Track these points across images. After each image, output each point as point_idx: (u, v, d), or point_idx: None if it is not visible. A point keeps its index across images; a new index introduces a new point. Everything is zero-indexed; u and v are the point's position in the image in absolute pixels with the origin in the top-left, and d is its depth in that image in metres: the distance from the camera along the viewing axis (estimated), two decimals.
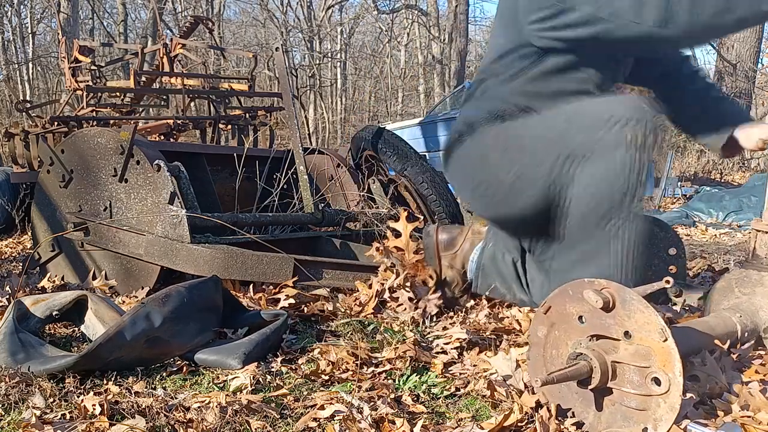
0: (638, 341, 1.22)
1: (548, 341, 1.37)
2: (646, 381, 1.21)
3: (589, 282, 1.29)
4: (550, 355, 1.37)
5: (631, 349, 1.24)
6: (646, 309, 1.21)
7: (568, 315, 1.33)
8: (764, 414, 1.31)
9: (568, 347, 1.33)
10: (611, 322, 1.26)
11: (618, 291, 1.25)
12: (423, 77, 22.26)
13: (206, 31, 8.28)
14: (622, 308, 1.25)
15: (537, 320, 1.39)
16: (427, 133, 10.31)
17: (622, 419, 1.25)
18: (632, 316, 1.23)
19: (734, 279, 1.71)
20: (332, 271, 2.40)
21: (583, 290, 1.28)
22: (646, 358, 1.21)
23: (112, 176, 2.58)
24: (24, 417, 1.33)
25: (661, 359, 1.19)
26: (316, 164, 3.40)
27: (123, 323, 1.62)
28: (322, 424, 1.33)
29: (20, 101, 7.38)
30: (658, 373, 1.19)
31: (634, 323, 1.23)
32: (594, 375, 1.25)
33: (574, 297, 1.31)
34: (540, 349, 1.39)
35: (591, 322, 1.29)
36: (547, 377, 1.23)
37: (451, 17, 15.82)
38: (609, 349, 1.27)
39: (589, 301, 1.26)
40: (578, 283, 1.31)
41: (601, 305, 1.25)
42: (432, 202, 3.09)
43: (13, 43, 19.95)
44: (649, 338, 1.21)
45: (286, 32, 20.51)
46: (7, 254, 3.81)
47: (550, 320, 1.36)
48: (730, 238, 4.99)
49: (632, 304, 1.23)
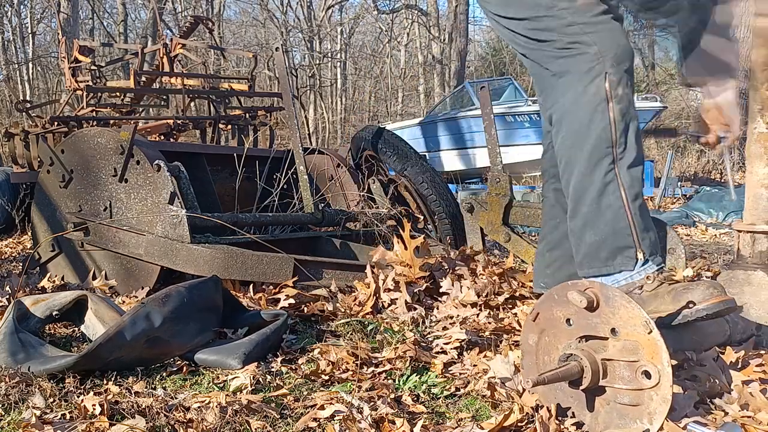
0: (625, 336, 1.23)
1: (539, 348, 1.38)
2: (637, 375, 1.22)
3: (573, 284, 1.30)
4: (543, 362, 1.37)
5: (619, 345, 1.25)
6: (628, 304, 1.23)
7: (556, 319, 1.34)
8: (764, 414, 1.31)
9: (559, 351, 1.33)
10: (597, 321, 1.27)
11: (601, 290, 1.26)
12: (423, 77, 22.28)
13: (206, 31, 8.29)
14: (606, 306, 1.26)
15: (527, 328, 1.40)
16: (427, 133, 10.33)
17: (618, 417, 1.26)
18: (617, 312, 1.24)
19: (722, 281, 1.72)
20: (332, 271, 2.40)
21: (567, 292, 1.29)
22: (634, 352, 1.22)
23: (112, 176, 2.58)
24: (24, 417, 1.32)
25: (648, 352, 1.20)
26: (316, 164, 3.39)
27: (123, 323, 1.62)
28: (322, 424, 1.33)
29: (20, 101, 7.38)
30: (648, 366, 1.20)
31: (619, 319, 1.24)
32: (585, 374, 1.26)
33: (559, 301, 1.32)
34: (533, 357, 1.39)
35: (578, 323, 1.30)
36: (539, 378, 1.23)
37: (451, 17, 15.83)
38: (598, 348, 1.27)
39: (574, 302, 1.27)
40: (562, 287, 1.32)
41: (586, 305, 1.26)
42: (432, 202, 3.09)
43: (13, 43, 19.96)
44: (635, 332, 1.22)
45: (286, 32, 20.51)
46: (7, 254, 3.81)
47: (540, 327, 1.37)
48: (730, 238, 4.99)
49: (615, 301, 1.24)
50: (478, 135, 9.39)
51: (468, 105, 10.08)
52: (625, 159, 1.51)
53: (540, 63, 1.65)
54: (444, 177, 3.73)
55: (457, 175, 8.77)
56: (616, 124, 1.51)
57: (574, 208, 1.57)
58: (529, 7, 1.61)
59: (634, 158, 1.52)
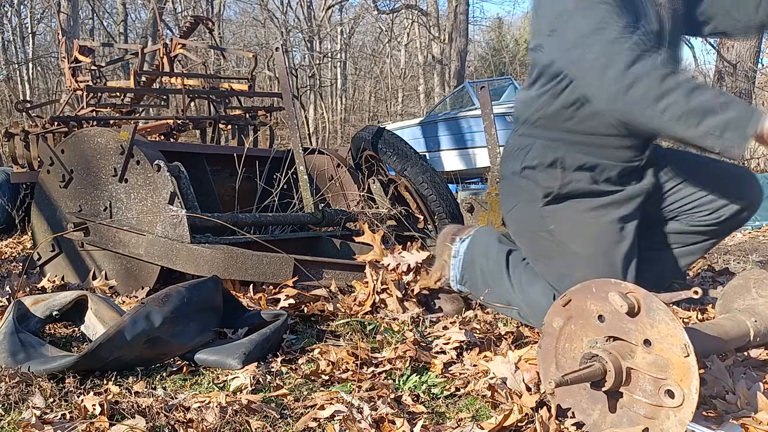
0: (658, 351, 1.20)
1: (563, 333, 1.36)
2: (660, 392, 1.19)
3: (616, 283, 1.27)
4: (562, 348, 1.36)
5: (650, 359, 1.22)
6: (671, 321, 1.19)
7: (588, 312, 1.31)
8: (765, 414, 1.31)
9: (583, 343, 1.32)
10: (632, 327, 1.24)
11: (645, 298, 1.23)
12: (423, 77, 22.27)
13: (206, 31, 8.28)
14: (646, 316, 1.22)
15: (554, 311, 1.37)
16: (427, 133, 10.31)
17: (628, 423, 1.24)
18: (656, 325, 1.21)
19: (753, 279, 1.67)
20: (332, 271, 2.40)
21: (609, 291, 1.26)
22: (664, 370, 1.20)
23: (112, 176, 2.58)
24: (24, 417, 1.32)
25: (678, 373, 1.17)
26: (316, 164, 3.39)
27: (123, 323, 1.62)
28: (322, 424, 1.33)
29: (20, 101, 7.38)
30: (674, 387, 1.17)
31: (656, 333, 1.21)
32: (607, 378, 1.24)
33: (597, 295, 1.30)
34: (553, 340, 1.37)
35: (611, 323, 1.27)
36: (561, 379, 1.21)
37: (451, 17, 15.82)
38: (625, 353, 1.25)
39: (614, 304, 1.24)
40: (604, 282, 1.29)
41: (626, 310, 1.22)
42: (432, 202, 3.09)
43: (13, 43, 19.97)
44: (670, 351, 1.18)
45: (286, 32, 20.51)
46: (7, 254, 3.81)
47: (568, 313, 1.35)
48: (730, 238, 4.99)
49: (658, 314, 1.21)
50: (478, 135, 9.38)
51: (468, 105, 10.07)
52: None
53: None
54: (444, 177, 3.72)
55: (457, 175, 8.76)
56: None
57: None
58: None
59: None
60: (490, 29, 28.55)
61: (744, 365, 1.56)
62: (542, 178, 1.83)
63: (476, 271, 2.07)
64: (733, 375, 1.46)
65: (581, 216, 1.81)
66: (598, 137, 1.79)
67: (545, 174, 1.83)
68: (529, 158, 1.86)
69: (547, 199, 1.83)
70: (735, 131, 1.44)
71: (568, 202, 1.82)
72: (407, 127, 10.66)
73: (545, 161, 1.83)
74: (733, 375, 1.46)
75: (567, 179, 1.81)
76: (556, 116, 1.82)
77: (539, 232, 1.87)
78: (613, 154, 1.81)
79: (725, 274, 2.74)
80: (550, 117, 1.83)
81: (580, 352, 1.31)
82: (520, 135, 1.93)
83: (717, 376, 1.44)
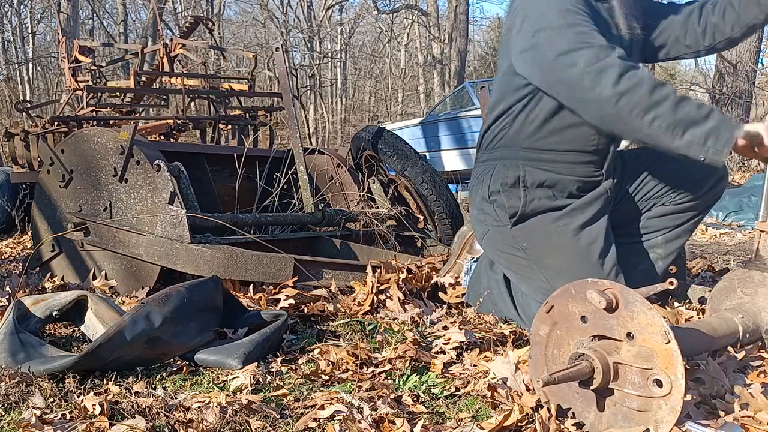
0: (641, 343, 1.22)
1: (550, 340, 1.37)
2: (648, 382, 1.21)
3: (592, 282, 1.29)
4: (551, 354, 1.37)
5: (634, 351, 1.23)
6: (649, 311, 1.21)
7: (571, 314, 1.33)
8: (765, 414, 1.31)
9: (570, 347, 1.33)
10: (614, 323, 1.26)
11: (621, 292, 1.25)
12: (423, 77, 22.26)
13: (206, 31, 8.28)
14: (625, 309, 1.24)
15: (539, 319, 1.39)
16: (427, 133, 10.30)
17: (623, 420, 1.25)
18: (635, 317, 1.23)
19: (736, 279, 1.70)
20: (332, 271, 2.40)
21: (586, 290, 1.28)
22: (649, 360, 1.21)
23: (112, 176, 2.58)
24: (24, 417, 1.32)
25: (663, 361, 1.19)
26: (316, 164, 3.39)
27: (123, 323, 1.62)
28: (322, 424, 1.33)
29: (20, 101, 7.37)
30: (660, 375, 1.18)
31: (637, 325, 1.23)
32: (596, 376, 1.25)
33: (576, 296, 1.31)
34: (542, 348, 1.39)
35: (593, 322, 1.29)
36: (549, 378, 1.22)
37: (451, 17, 15.82)
38: (611, 349, 1.26)
39: (592, 302, 1.26)
40: (581, 283, 1.31)
41: (604, 306, 1.24)
42: (432, 202, 3.09)
43: (13, 43, 19.96)
44: (652, 340, 1.20)
45: (286, 32, 20.50)
46: (7, 254, 3.81)
47: (553, 319, 1.36)
48: (730, 238, 4.98)
49: (635, 306, 1.23)
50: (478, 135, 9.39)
51: (468, 105, 10.06)
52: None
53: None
54: (444, 177, 3.72)
55: (457, 175, 8.75)
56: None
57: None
58: None
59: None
60: (490, 29, 28.54)
61: (739, 365, 1.56)
62: (507, 199, 1.90)
63: (482, 290, 2.14)
64: (727, 373, 1.46)
65: (548, 229, 1.87)
66: (558, 153, 1.86)
67: (509, 194, 1.89)
68: (494, 181, 1.93)
69: (514, 219, 1.89)
70: (716, 140, 1.50)
71: (533, 219, 1.89)
72: (407, 127, 10.65)
73: (508, 181, 1.90)
74: (728, 373, 1.46)
75: (530, 197, 1.88)
76: (516, 135, 1.89)
77: (514, 253, 1.93)
78: (573, 169, 1.88)
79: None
80: (512, 137, 1.90)
81: (569, 355, 1.32)
82: (483, 161, 2.01)
83: (714, 375, 1.44)
